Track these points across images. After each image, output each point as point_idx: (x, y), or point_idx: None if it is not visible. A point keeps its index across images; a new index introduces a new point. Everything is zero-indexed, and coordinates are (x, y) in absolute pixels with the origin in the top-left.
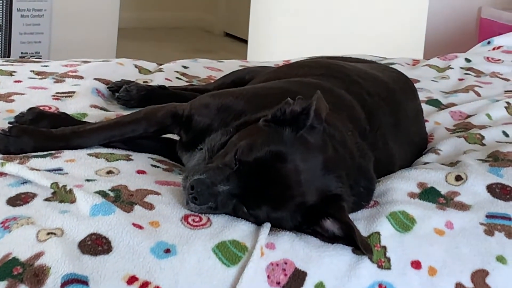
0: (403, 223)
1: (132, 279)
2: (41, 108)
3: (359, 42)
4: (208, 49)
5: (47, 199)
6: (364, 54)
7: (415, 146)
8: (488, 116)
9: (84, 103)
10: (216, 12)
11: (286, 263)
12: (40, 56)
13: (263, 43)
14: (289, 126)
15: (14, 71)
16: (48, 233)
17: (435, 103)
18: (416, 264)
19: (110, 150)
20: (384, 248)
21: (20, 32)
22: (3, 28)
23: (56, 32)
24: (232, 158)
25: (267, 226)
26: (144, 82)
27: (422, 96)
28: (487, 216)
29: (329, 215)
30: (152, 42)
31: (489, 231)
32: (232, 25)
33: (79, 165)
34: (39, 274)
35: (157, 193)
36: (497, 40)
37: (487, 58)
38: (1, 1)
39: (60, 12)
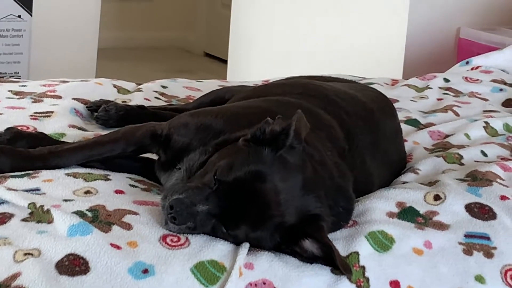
0: (382, 242)
1: None
2: (19, 128)
3: (338, 62)
4: (188, 69)
5: (24, 220)
6: (343, 74)
7: (394, 166)
8: (467, 135)
9: (62, 123)
10: (195, 32)
11: (264, 283)
12: (19, 76)
13: (242, 63)
14: (269, 145)
15: None
16: (25, 254)
17: (414, 123)
18: (395, 284)
19: (88, 170)
20: (363, 268)
21: None
22: None
23: (36, 52)
24: (211, 177)
25: (245, 246)
26: (123, 101)
27: (401, 116)
28: (465, 236)
29: (308, 235)
30: (132, 62)
31: (468, 251)
32: (211, 45)
33: (56, 185)
34: None
35: (135, 213)
36: (476, 60)
37: (466, 78)
38: None
39: (40, 32)
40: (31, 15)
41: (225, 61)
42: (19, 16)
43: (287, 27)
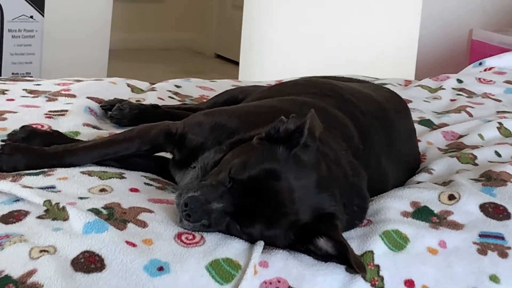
0: (397, 242)
1: None
2: (34, 126)
3: (350, 62)
4: (199, 70)
5: (39, 217)
6: (356, 74)
7: (408, 166)
8: (481, 136)
9: (76, 122)
10: (207, 33)
11: (279, 282)
12: (31, 76)
13: (254, 64)
14: (283, 144)
15: (6, 90)
16: (41, 251)
17: (427, 123)
18: (410, 283)
19: (103, 168)
20: (378, 266)
21: (11, 53)
22: None
23: (47, 53)
24: (226, 176)
25: (260, 244)
26: (136, 101)
27: (414, 116)
28: (480, 236)
29: (322, 234)
30: (143, 63)
31: (482, 251)
32: (223, 47)
33: (71, 183)
34: None
35: (150, 211)
36: (489, 62)
37: (479, 79)
38: None
39: (51, 33)
40: (43, 16)
41: (236, 63)
42: (31, 17)
43: (299, 28)
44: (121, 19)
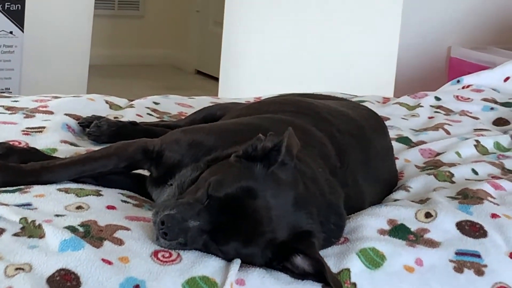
0: (373, 259)
1: None
2: (11, 143)
3: (329, 80)
4: (179, 86)
5: (15, 234)
6: (335, 92)
7: (385, 183)
8: (458, 154)
9: (54, 139)
10: (187, 49)
11: None
12: (11, 92)
13: (234, 80)
14: (260, 162)
15: None
16: (17, 269)
17: (405, 140)
18: None
19: (80, 186)
20: (354, 284)
21: None
22: None
23: (27, 69)
24: (203, 193)
25: (237, 262)
26: (114, 117)
27: (392, 133)
28: (456, 253)
29: (299, 252)
30: (123, 79)
31: (459, 268)
32: (203, 63)
33: (48, 200)
34: None
35: (127, 229)
36: (467, 79)
37: (457, 96)
38: None
39: (31, 49)
40: (23, 32)
41: (216, 79)
42: (11, 32)
43: (278, 46)
44: (102, 35)
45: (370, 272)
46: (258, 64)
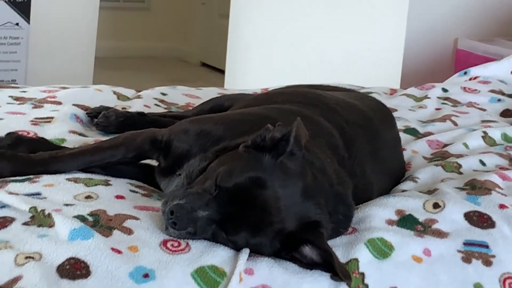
0: (381, 250)
1: None
2: (20, 133)
3: (335, 72)
4: (185, 78)
5: (25, 223)
6: (341, 83)
7: (393, 174)
8: (465, 145)
9: (62, 129)
10: (192, 42)
11: None
12: (17, 84)
13: (240, 72)
14: (269, 152)
15: None
16: (26, 257)
17: (412, 132)
18: None
19: (88, 175)
20: (362, 274)
21: None
22: None
23: (33, 61)
24: (211, 183)
25: (246, 252)
26: (122, 108)
27: (399, 125)
28: (464, 244)
29: (308, 242)
30: (128, 72)
31: (467, 259)
32: (208, 55)
33: (57, 189)
34: None
35: (136, 218)
36: (474, 71)
37: (464, 88)
38: None
39: (37, 41)
40: (29, 23)
41: (221, 71)
42: (17, 24)
43: (285, 37)
44: (107, 27)
45: (378, 262)
46: (264, 56)
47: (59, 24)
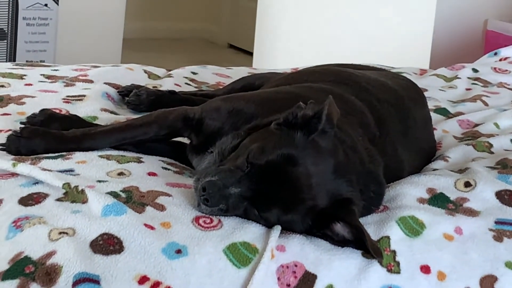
0: (413, 228)
1: (143, 279)
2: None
3: (365, 52)
4: (212, 60)
5: (59, 199)
6: (371, 63)
7: (424, 153)
8: (496, 125)
9: (94, 107)
10: (220, 23)
11: (296, 266)
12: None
13: (268, 54)
14: (301, 130)
15: (24, 75)
16: (60, 233)
17: (443, 111)
18: (426, 269)
19: (121, 153)
20: (394, 252)
21: (25, 41)
22: (9, 36)
23: (61, 41)
24: (243, 161)
25: (277, 229)
26: (153, 87)
27: (430, 104)
28: (496, 222)
29: (339, 219)
30: (156, 53)
31: (498, 237)
32: (236, 37)
33: (90, 166)
34: (51, 272)
35: (168, 195)
36: (504, 52)
37: (494, 68)
38: (7, 10)
39: (66, 21)
40: (58, 4)
41: (249, 53)
42: (46, 5)
43: (313, 18)
44: (135, 8)
45: (410, 240)
46: (292, 37)
47: (87, 6)
